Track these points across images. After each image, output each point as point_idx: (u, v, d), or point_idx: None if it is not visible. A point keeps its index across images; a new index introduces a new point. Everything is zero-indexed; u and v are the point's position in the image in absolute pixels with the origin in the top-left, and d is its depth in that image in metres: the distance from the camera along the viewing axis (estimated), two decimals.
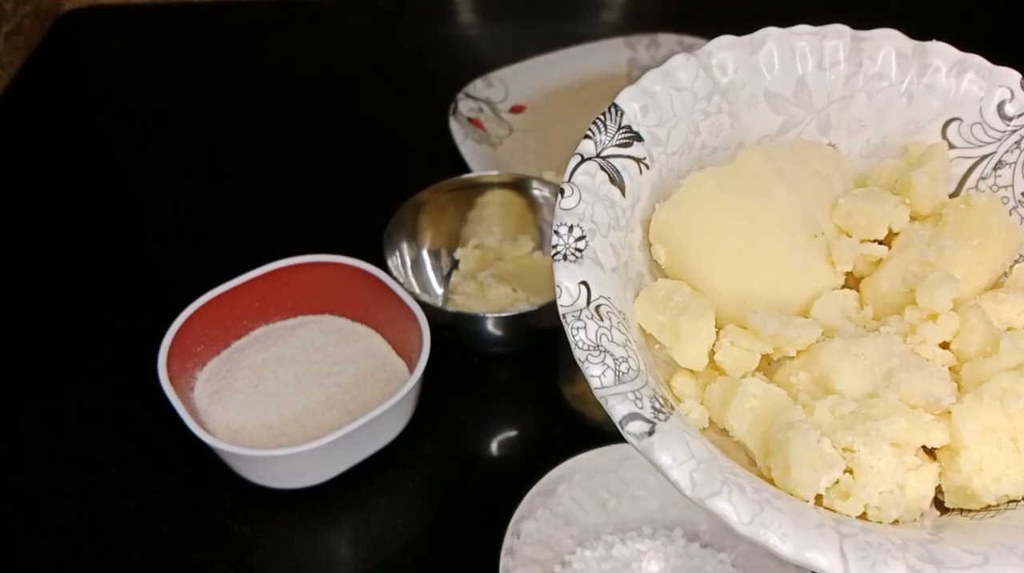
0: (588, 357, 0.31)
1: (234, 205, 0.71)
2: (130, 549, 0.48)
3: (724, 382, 0.34)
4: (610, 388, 0.31)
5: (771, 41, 0.38)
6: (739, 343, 0.34)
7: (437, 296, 0.61)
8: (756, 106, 0.39)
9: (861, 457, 0.30)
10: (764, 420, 0.32)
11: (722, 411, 0.33)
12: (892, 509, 0.31)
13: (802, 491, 0.30)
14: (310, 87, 0.84)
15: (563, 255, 0.33)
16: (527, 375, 0.57)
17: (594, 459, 0.44)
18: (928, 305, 0.34)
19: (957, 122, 0.40)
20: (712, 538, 0.45)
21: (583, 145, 0.35)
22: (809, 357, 0.34)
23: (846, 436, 0.30)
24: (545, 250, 0.63)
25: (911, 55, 0.39)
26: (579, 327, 0.32)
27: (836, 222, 0.38)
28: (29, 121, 0.81)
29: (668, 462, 0.29)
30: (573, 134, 0.75)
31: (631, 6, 0.95)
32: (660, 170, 0.37)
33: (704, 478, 0.29)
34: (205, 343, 0.54)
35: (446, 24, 0.94)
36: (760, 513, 0.28)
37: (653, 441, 0.29)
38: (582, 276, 0.32)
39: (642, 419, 0.30)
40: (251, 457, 0.48)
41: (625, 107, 0.36)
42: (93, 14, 0.94)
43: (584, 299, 0.32)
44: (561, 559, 0.44)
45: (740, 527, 0.28)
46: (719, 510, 0.28)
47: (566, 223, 0.33)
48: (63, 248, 0.68)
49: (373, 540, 0.49)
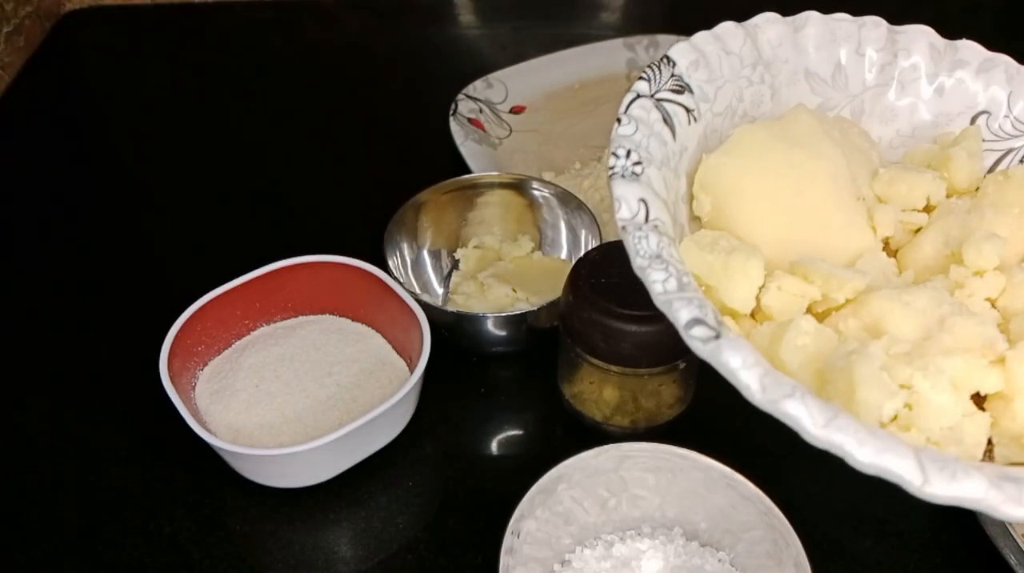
0: (651, 265, 0.30)
1: (234, 205, 0.72)
2: (130, 549, 0.49)
3: (773, 323, 0.33)
4: (674, 293, 0.30)
5: (812, 24, 0.39)
6: (787, 288, 0.33)
7: (437, 296, 0.61)
8: (796, 83, 0.40)
9: (921, 391, 0.29)
10: (817, 359, 0.31)
11: (772, 349, 0.32)
12: (952, 446, 0.30)
13: (866, 415, 0.29)
14: (310, 87, 0.84)
15: (621, 174, 0.32)
16: (527, 375, 0.58)
17: (594, 458, 0.44)
18: (975, 260, 0.34)
19: (985, 115, 0.41)
20: (711, 537, 0.45)
21: (638, 85, 0.35)
22: (858, 305, 0.33)
23: (905, 370, 0.30)
24: (545, 250, 0.63)
25: (943, 51, 0.40)
26: (641, 237, 0.31)
27: (877, 190, 0.38)
28: (29, 121, 0.81)
29: (737, 364, 0.28)
30: (573, 134, 0.75)
31: (631, 7, 0.95)
32: (705, 128, 0.37)
33: (774, 382, 0.28)
34: (206, 343, 0.54)
35: (446, 24, 0.94)
36: (835, 418, 0.27)
37: (721, 344, 0.28)
38: (641, 193, 0.32)
39: (706, 325, 0.29)
40: (252, 456, 0.48)
41: (677, 59, 0.36)
42: (93, 14, 0.94)
43: (643, 215, 0.32)
44: (561, 558, 0.44)
45: (815, 429, 0.27)
46: (792, 413, 0.27)
47: (624, 147, 0.33)
48: (63, 248, 0.68)
49: (373, 539, 0.49)
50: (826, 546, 0.48)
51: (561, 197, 0.62)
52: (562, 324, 0.51)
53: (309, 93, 0.83)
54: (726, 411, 0.55)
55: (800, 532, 0.41)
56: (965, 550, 0.48)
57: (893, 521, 0.49)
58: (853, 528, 0.49)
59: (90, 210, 0.71)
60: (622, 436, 0.52)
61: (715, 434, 0.53)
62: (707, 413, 0.54)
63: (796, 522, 0.41)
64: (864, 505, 0.50)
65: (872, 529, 0.49)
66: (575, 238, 0.62)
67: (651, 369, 0.49)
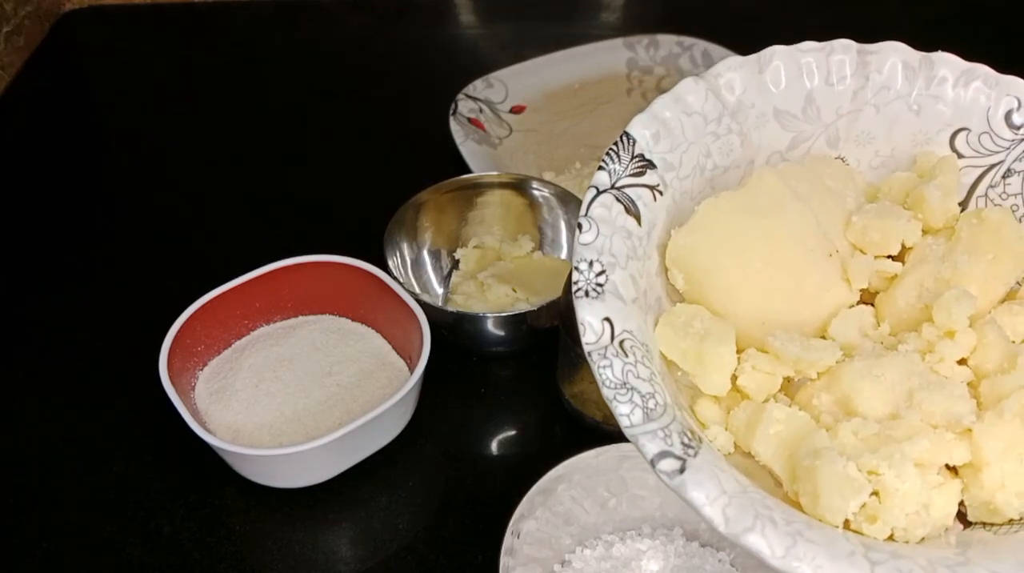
0: (616, 396, 0.31)
1: (234, 205, 0.71)
2: (130, 549, 0.49)
3: (748, 407, 0.34)
4: (639, 426, 0.31)
5: (778, 59, 0.38)
6: (761, 367, 0.34)
7: (437, 296, 0.61)
8: (765, 124, 0.39)
9: (887, 480, 0.30)
10: (790, 444, 0.32)
11: (747, 436, 0.33)
12: (918, 529, 0.31)
13: (831, 517, 0.30)
14: (310, 87, 0.84)
15: (585, 292, 0.33)
16: (527, 375, 0.58)
17: (593, 458, 0.44)
18: (945, 322, 0.34)
19: (965, 132, 0.40)
20: (711, 537, 0.45)
21: (597, 177, 0.35)
22: (830, 378, 0.34)
23: (871, 460, 0.31)
24: (545, 250, 0.63)
25: (918, 67, 0.39)
26: (605, 366, 0.31)
27: (850, 239, 0.38)
28: (29, 121, 0.81)
29: (701, 500, 0.29)
30: (573, 134, 0.75)
31: (631, 6, 0.95)
32: (673, 195, 0.37)
33: (737, 513, 0.29)
34: (206, 343, 0.54)
35: (446, 25, 0.94)
36: (793, 546, 0.28)
37: (685, 479, 0.29)
38: (605, 312, 0.32)
39: (673, 457, 0.30)
40: (252, 456, 0.48)
41: (637, 135, 0.36)
42: (93, 14, 0.94)
43: (608, 335, 0.32)
44: (561, 558, 0.44)
45: (774, 561, 0.28)
46: (753, 545, 0.28)
47: (586, 259, 0.33)
48: (63, 248, 0.68)
49: (373, 539, 0.49)
50: None
51: (561, 197, 0.62)
52: (562, 324, 0.51)
53: (309, 93, 0.83)
54: None
55: None
56: None
57: None
58: None
59: (89, 210, 0.71)
60: (622, 436, 0.52)
61: None
62: None
63: None
64: None
65: None
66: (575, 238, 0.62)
67: None
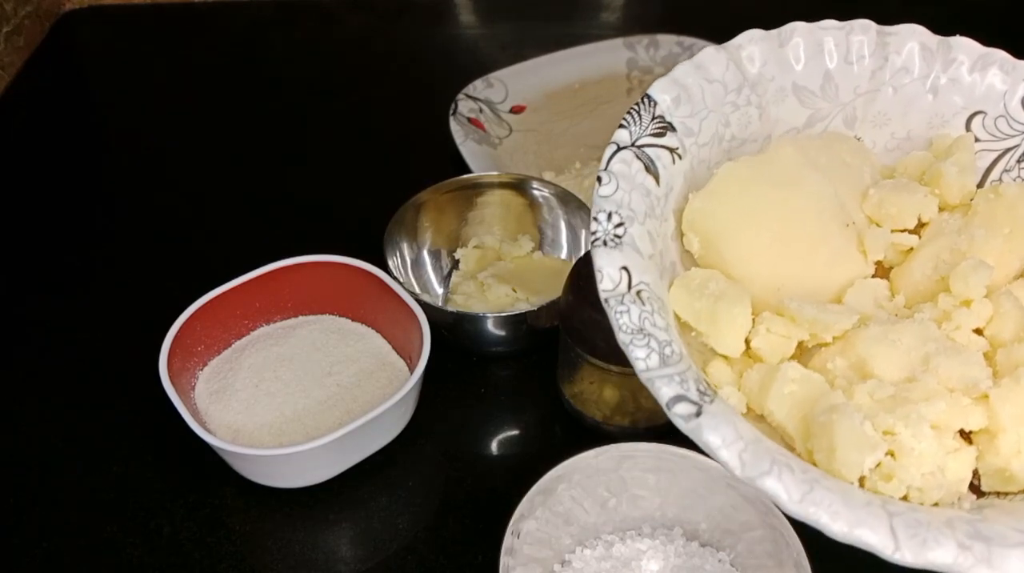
0: (632, 341, 0.31)
1: (234, 205, 0.71)
2: (130, 549, 0.49)
3: (762, 368, 0.34)
4: (655, 370, 0.30)
5: (798, 35, 0.39)
6: (775, 330, 0.34)
7: (437, 296, 0.61)
8: (784, 99, 0.39)
9: (903, 439, 0.30)
10: (804, 404, 0.32)
11: (761, 396, 0.33)
12: (933, 490, 0.30)
13: (847, 472, 0.30)
14: (310, 87, 0.84)
15: (603, 241, 0.33)
16: (527, 375, 0.58)
17: (593, 458, 0.44)
18: (962, 291, 0.34)
19: (981, 115, 0.40)
20: (711, 537, 0.45)
21: (618, 134, 0.35)
22: (845, 344, 0.34)
23: (887, 419, 0.30)
24: (545, 250, 0.63)
25: (936, 50, 0.39)
26: (622, 311, 0.31)
27: (867, 212, 0.38)
28: (29, 121, 0.81)
29: (717, 443, 0.29)
30: (573, 134, 0.75)
31: (631, 6, 0.95)
32: (692, 161, 0.37)
33: (753, 458, 0.28)
34: (206, 343, 0.54)
35: (446, 24, 0.94)
36: (810, 492, 0.28)
37: (701, 422, 0.29)
38: (622, 261, 0.32)
39: (688, 401, 0.30)
40: (252, 456, 0.48)
41: (658, 98, 0.36)
42: (93, 14, 0.94)
43: (625, 284, 0.32)
44: (561, 558, 0.44)
45: (791, 505, 0.28)
46: (770, 489, 0.28)
47: (604, 210, 0.33)
48: (63, 248, 0.68)
49: (373, 539, 0.49)
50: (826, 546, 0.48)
51: (561, 197, 0.62)
52: (562, 324, 0.51)
53: (309, 93, 0.83)
54: None
55: (800, 532, 0.41)
56: None
57: None
58: None
59: (89, 210, 0.71)
60: (622, 436, 0.52)
61: None
62: None
63: (796, 522, 0.41)
64: None
65: None
66: (575, 238, 0.62)
67: None
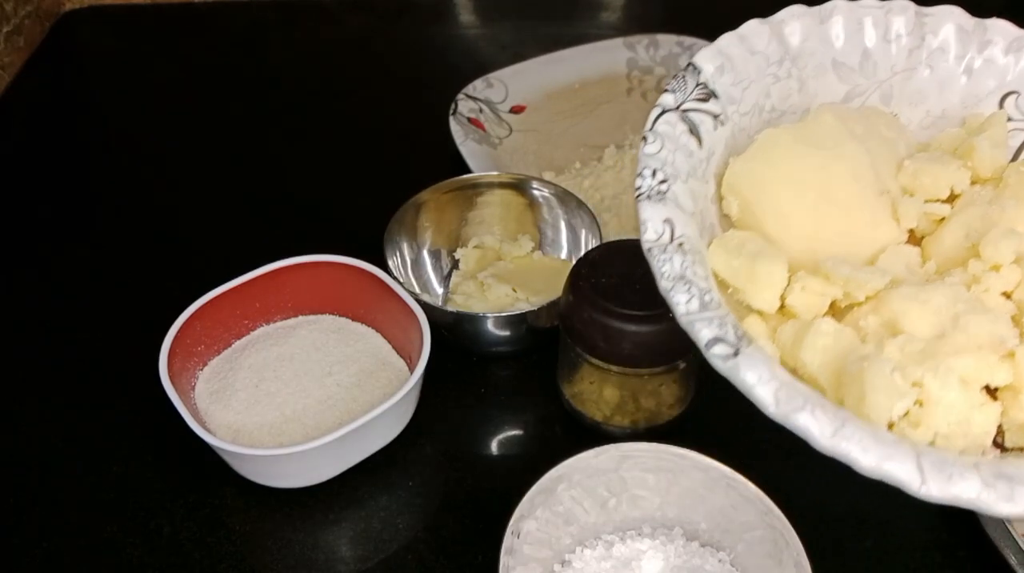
0: (674, 286, 0.32)
1: (234, 205, 0.72)
2: (130, 549, 0.49)
3: (796, 323, 0.35)
4: (696, 314, 0.32)
5: (839, 12, 0.40)
6: (811, 288, 0.36)
7: (437, 296, 0.61)
8: (824, 74, 0.41)
9: (931, 390, 0.32)
10: (836, 357, 0.33)
11: (794, 349, 0.34)
12: (959, 439, 0.32)
13: (876, 417, 0.31)
14: (310, 87, 0.84)
15: (647, 195, 0.34)
16: (527, 375, 0.58)
17: (593, 458, 0.44)
18: (992, 256, 0.35)
19: (1014, 95, 0.41)
20: (711, 537, 0.45)
21: (663, 98, 0.37)
22: (878, 302, 0.35)
23: (916, 370, 0.32)
24: (545, 250, 0.63)
25: (972, 31, 0.41)
26: (665, 259, 0.33)
27: (901, 182, 0.39)
28: (29, 121, 0.81)
29: (753, 380, 0.30)
30: (573, 134, 0.75)
31: (631, 6, 0.95)
32: (733, 128, 0.38)
33: (787, 396, 0.30)
34: (206, 343, 0.54)
35: (446, 24, 0.94)
36: (842, 427, 0.29)
37: (739, 361, 0.30)
38: (666, 214, 0.34)
39: (726, 343, 0.31)
40: (252, 456, 0.48)
41: (703, 66, 0.38)
42: (93, 14, 0.94)
43: (668, 236, 0.34)
44: (561, 558, 0.44)
45: (823, 440, 0.29)
46: (802, 425, 0.29)
47: (650, 167, 0.35)
48: (63, 248, 0.68)
49: (373, 539, 0.49)
50: (826, 546, 0.48)
51: (561, 197, 0.62)
52: (562, 324, 0.51)
53: (309, 93, 0.83)
54: (726, 411, 0.55)
55: (800, 532, 0.41)
56: (965, 550, 0.48)
57: (893, 521, 0.49)
58: (853, 528, 0.49)
59: (89, 210, 0.71)
60: (622, 436, 0.52)
61: (715, 434, 0.53)
62: (707, 413, 0.54)
63: (796, 522, 0.41)
64: (864, 505, 0.50)
65: (872, 529, 0.49)
66: (575, 238, 0.62)
67: (651, 369, 0.49)
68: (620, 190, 0.67)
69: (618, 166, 0.69)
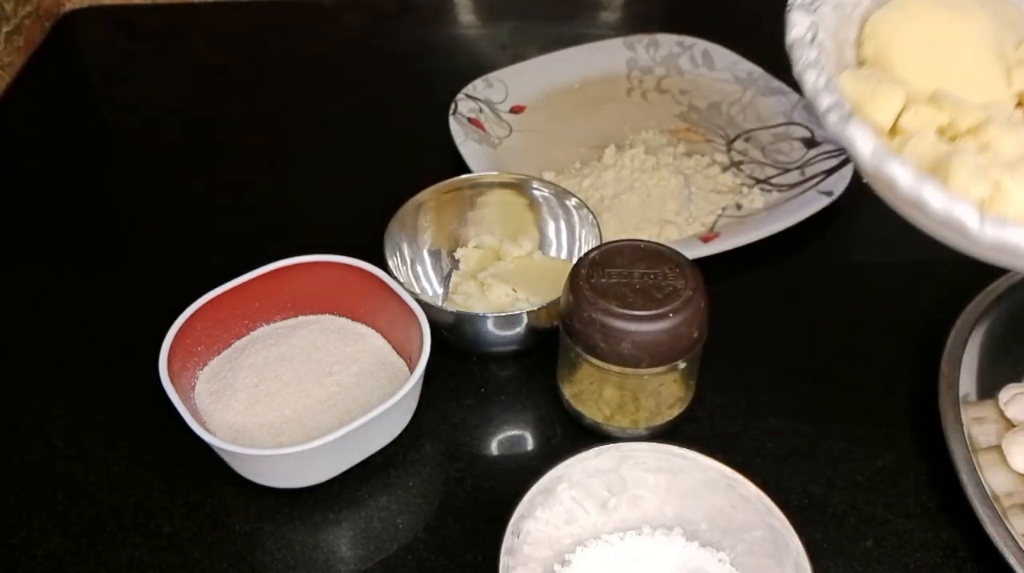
0: (807, 68, 0.39)
1: (234, 205, 0.72)
2: (130, 549, 0.49)
3: (904, 136, 0.41)
4: (821, 89, 0.39)
5: None
6: (922, 114, 0.41)
7: (437, 296, 0.61)
8: None
9: (1007, 188, 0.37)
10: (932, 161, 0.39)
11: (897, 150, 0.40)
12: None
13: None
14: (310, 87, 0.84)
15: (800, 5, 0.41)
16: (527, 375, 0.58)
17: (593, 458, 0.44)
18: None
19: None
20: (711, 537, 0.45)
21: None
22: (977, 131, 0.41)
23: (997, 171, 0.38)
24: (545, 250, 0.63)
25: None
26: (804, 50, 0.40)
27: (1020, 55, 0.44)
28: (29, 121, 0.81)
29: (857, 135, 0.37)
30: (573, 134, 0.75)
31: (631, 6, 0.95)
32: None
33: (883, 152, 0.37)
34: (206, 343, 0.54)
35: (446, 24, 0.94)
36: (924, 179, 0.36)
37: (850, 122, 0.37)
38: (812, 19, 0.41)
39: (841, 108, 0.38)
40: (252, 456, 0.48)
41: None
42: (93, 14, 0.94)
43: (810, 37, 0.41)
44: (561, 558, 0.44)
45: (906, 184, 0.36)
46: (890, 171, 0.36)
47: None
48: (63, 248, 0.68)
49: (373, 539, 0.49)
50: (826, 546, 0.48)
51: (561, 197, 0.62)
52: (562, 324, 0.51)
53: (309, 93, 0.83)
54: (726, 411, 0.55)
55: (800, 532, 0.41)
56: (965, 550, 0.48)
57: (893, 521, 0.49)
58: (853, 528, 0.49)
59: (90, 210, 0.71)
60: (622, 436, 0.52)
61: (715, 434, 0.53)
62: (707, 413, 0.54)
63: (796, 522, 0.41)
64: (864, 505, 0.50)
65: (872, 529, 0.49)
66: (575, 238, 0.62)
67: (651, 369, 0.49)
68: (620, 190, 0.67)
69: (618, 166, 0.69)
